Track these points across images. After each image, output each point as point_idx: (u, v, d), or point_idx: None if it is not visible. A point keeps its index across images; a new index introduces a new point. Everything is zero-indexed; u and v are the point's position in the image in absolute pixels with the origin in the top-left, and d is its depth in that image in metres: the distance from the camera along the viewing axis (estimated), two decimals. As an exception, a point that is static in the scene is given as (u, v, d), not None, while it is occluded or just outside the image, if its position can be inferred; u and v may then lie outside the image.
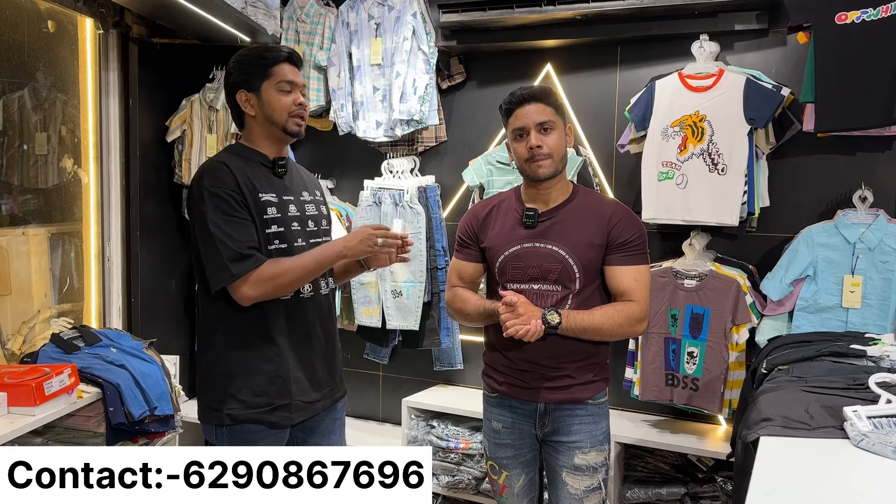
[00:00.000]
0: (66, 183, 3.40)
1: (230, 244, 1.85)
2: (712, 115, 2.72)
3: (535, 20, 2.99)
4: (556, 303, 1.99)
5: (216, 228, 1.86)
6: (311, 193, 2.12)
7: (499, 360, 2.09)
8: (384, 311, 3.32)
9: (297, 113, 1.99)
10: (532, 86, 2.04)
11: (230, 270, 1.85)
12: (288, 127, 1.99)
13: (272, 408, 1.94)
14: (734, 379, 2.71)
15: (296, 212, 2.02)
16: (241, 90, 1.98)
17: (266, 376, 1.94)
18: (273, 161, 2.02)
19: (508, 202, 2.12)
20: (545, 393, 2.03)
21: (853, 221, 2.57)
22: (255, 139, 2.02)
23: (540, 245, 2.01)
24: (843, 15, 2.48)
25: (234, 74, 1.99)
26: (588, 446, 2.04)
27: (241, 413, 1.92)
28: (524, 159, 2.00)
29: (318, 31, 3.40)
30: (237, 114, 2.03)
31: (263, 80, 1.97)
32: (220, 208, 1.87)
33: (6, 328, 3.09)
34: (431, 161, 3.50)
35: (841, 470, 1.42)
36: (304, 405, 1.99)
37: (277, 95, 1.97)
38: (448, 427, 3.26)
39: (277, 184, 2.01)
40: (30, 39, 3.19)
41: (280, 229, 1.96)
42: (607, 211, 2.03)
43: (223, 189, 1.88)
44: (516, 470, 2.13)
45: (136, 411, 2.65)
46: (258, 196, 1.93)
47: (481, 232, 2.11)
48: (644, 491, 2.91)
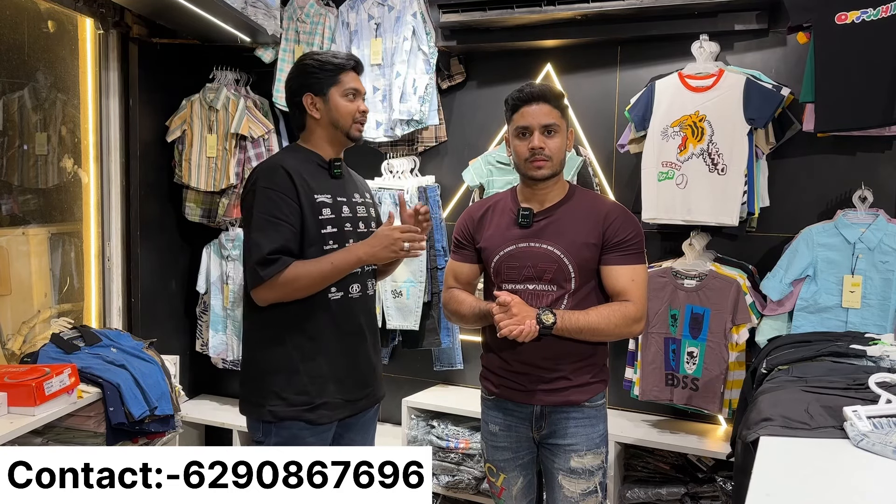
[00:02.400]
0: (66, 183, 3.40)
1: (262, 246, 1.90)
2: (712, 115, 2.72)
3: (535, 20, 2.99)
4: (551, 303, 1.97)
5: (256, 230, 1.92)
6: (362, 195, 2.18)
7: (495, 362, 2.08)
8: (384, 311, 3.32)
9: (360, 119, 2.08)
10: (541, 84, 2.02)
11: (258, 274, 1.90)
12: (351, 132, 2.07)
13: (313, 406, 1.97)
14: (734, 379, 2.71)
15: (349, 213, 2.07)
16: (308, 93, 2.05)
17: (307, 375, 1.97)
18: (329, 162, 2.08)
19: (504, 202, 2.11)
20: (541, 395, 2.01)
21: (853, 221, 2.57)
22: (315, 141, 2.09)
23: (535, 245, 2.00)
24: (843, 15, 2.48)
25: (302, 77, 2.06)
26: (584, 449, 2.03)
27: (283, 410, 1.96)
28: (524, 158, 1.99)
29: (318, 31, 3.40)
30: (299, 115, 2.09)
31: (332, 85, 2.04)
32: (267, 208, 1.92)
33: (6, 328, 3.09)
34: (431, 161, 3.50)
35: (841, 470, 1.42)
36: (345, 403, 2.03)
37: (344, 102, 2.04)
38: (448, 427, 3.26)
39: (333, 185, 2.07)
40: (30, 39, 3.19)
41: (334, 230, 2.01)
42: (603, 210, 2.02)
43: (275, 190, 1.93)
44: (514, 472, 2.12)
45: (136, 411, 2.65)
46: (314, 197, 1.98)
47: (477, 233, 2.11)
48: (644, 491, 2.91)
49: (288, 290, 1.92)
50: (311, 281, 1.93)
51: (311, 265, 1.93)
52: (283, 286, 1.91)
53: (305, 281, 1.92)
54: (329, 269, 1.94)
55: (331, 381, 2.00)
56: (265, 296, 1.93)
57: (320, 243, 1.98)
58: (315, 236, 1.97)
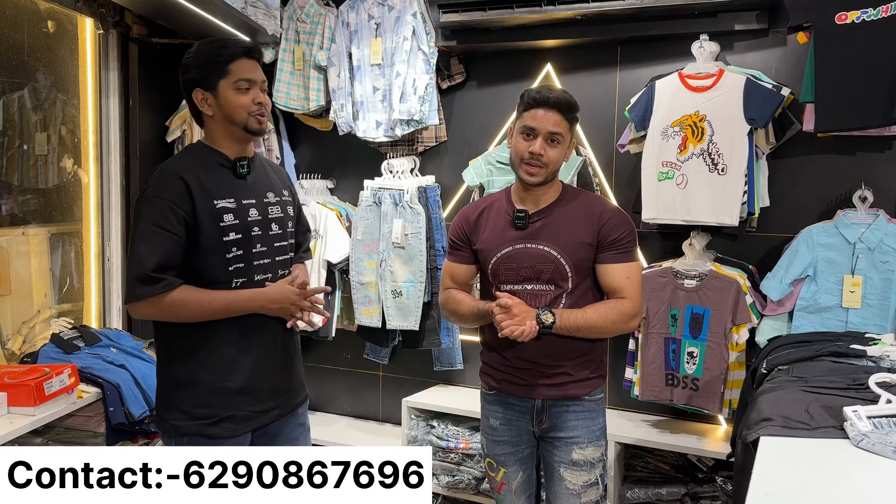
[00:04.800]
0: (66, 183, 3.40)
1: (145, 261, 1.81)
2: (712, 115, 2.72)
3: (535, 20, 2.99)
4: (549, 302, 2.01)
5: (140, 242, 1.83)
6: (277, 194, 2.05)
7: (495, 359, 2.11)
8: (384, 311, 3.32)
9: (257, 111, 1.90)
10: (561, 93, 2.00)
11: (135, 290, 1.82)
12: (249, 125, 1.91)
13: (216, 420, 1.90)
14: (734, 379, 2.71)
15: (257, 216, 1.95)
16: (198, 88, 1.89)
17: (209, 388, 1.91)
18: (234, 162, 1.94)
19: (499, 203, 2.12)
20: (542, 389, 2.05)
21: (853, 221, 2.57)
22: (215, 138, 1.94)
23: (531, 246, 2.02)
24: (843, 15, 2.48)
25: (191, 72, 1.90)
26: (585, 441, 2.06)
27: (185, 424, 1.90)
28: (521, 157, 2.00)
29: (318, 31, 3.40)
30: (196, 113, 1.94)
31: (220, 78, 1.87)
32: (154, 218, 1.82)
33: (6, 328, 3.09)
34: (431, 161, 3.50)
35: (841, 470, 1.42)
36: (253, 414, 1.96)
37: (235, 95, 1.88)
38: (448, 427, 3.26)
39: (238, 186, 1.94)
40: (30, 39, 3.19)
41: (238, 236, 1.90)
42: (597, 210, 2.05)
43: (164, 199, 1.83)
44: (513, 467, 2.15)
45: (136, 411, 2.65)
46: (213, 203, 1.87)
47: (473, 234, 2.13)
48: (644, 491, 2.91)
49: (171, 313, 1.85)
50: (198, 313, 1.86)
51: (203, 298, 1.85)
52: (168, 308, 1.83)
53: (193, 311, 1.85)
54: (221, 310, 1.87)
55: (238, 393, 1.92)
56: (143, 311, 1.85)
57: (222, 251, 1.88)
58: (216, 245, 1.87)
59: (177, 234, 1.83)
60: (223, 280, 1.90)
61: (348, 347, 3.68)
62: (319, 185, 3.60)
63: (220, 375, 1.92)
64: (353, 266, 3.39)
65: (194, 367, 1.91)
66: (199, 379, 1.91)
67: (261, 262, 1.97)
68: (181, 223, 1.84)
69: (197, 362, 1.91)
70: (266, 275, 1.98)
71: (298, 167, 3.70)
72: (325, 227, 3.39)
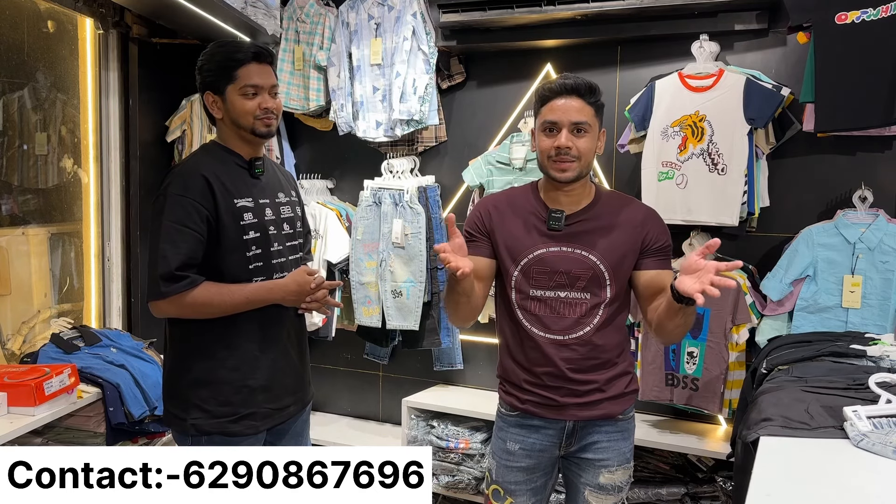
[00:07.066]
0: (66, 183, 3.40)
1: (170, 260, 1.82)
2: (712, 115, 2.72)
3: (535, 20, 2.99)
4: (585, 313, 1.84)
5: (165, 240, 1.84)
6: (286, 195, 2.09)
7: (519, 375, 1.90)
8: (384, 311, 3.31)
9: (263, 116, 1.93)
10: (577, 77, 1.79)
11: (160, 288, 1.83)
12: (256, 129, 1.94)
13: (237, 417, 1.92)
14: (734, 379, 2.71)
15: (272, 215, 1.99)
16: (208, 92, 1.95)
17: (231, 385, 1.92)
18: (249, 162, 1.98)
19: (525, 199, 1.91)
20: (574, 410, 1.87)
21: (853, 221, 2.57)
22: (227, 139, 1.99)
23: (567, 249, 1.83)
24: (843, 15, 2.48)
25: (202, 74, 1.96)
26: (615, 465, 1.90)
27: (205, 423, 1.90)
28: (548, 156, 1.80)
29: (318, 31, 3.40)
30: (209, 113, 1.99)
31: (228, 83, 1.92)
32: (177, 216, 1.84)
33: (6, 328, 3.09)
34: (431, 161, 3.50)
35: (841, 470, 1.42)
36: (272, 412, 1.98)
37: (241, 100, 1.91)
38: (448, 427, 3.26)
39: (254, 186, 1.98)
40: (30, 39, 3.19)
41: (257, 235, 1.94)
42: (639, 215, 1.88)
43: (187, 197, 1.85)
44: (523, 497, 1.95)
45: (136, 411, 2.65)
46: (234, 203, 1.90)
47: (495, 228, 1.89)
48: (644, 491, 2.90)
49: (193, 310, 1.86)
50: (221, 310, 1.87)
51: (226, 294, 1.87)
52: (191, 305, 1.84)
53: (216, 309, 1.87)
54: (242, 303, 1.89)
55: (258, 391, 1.94)
56: (165, 309, 1.87)
57: (243, 249, 1.91)
58: (236, 243, 1.90)
59: (200, 232, 1.86)
60: (245, 279, 1.93)
61: (348, 347, 3.68)
62: (319, 185, 3.60)
63: (242, 373, 1.93)
64: (353, 266, 3.39)
65: (214, 365, 1.92)
66: (219, 377, 1.92)
67: (279, 260, 2.01)
68: (204, 221, 1.86)
69: (217, 360, 1.92)
70: (283, 273, 2.01)
71: (298, 167, 3.70)
72: (325, 227, 3.39)
